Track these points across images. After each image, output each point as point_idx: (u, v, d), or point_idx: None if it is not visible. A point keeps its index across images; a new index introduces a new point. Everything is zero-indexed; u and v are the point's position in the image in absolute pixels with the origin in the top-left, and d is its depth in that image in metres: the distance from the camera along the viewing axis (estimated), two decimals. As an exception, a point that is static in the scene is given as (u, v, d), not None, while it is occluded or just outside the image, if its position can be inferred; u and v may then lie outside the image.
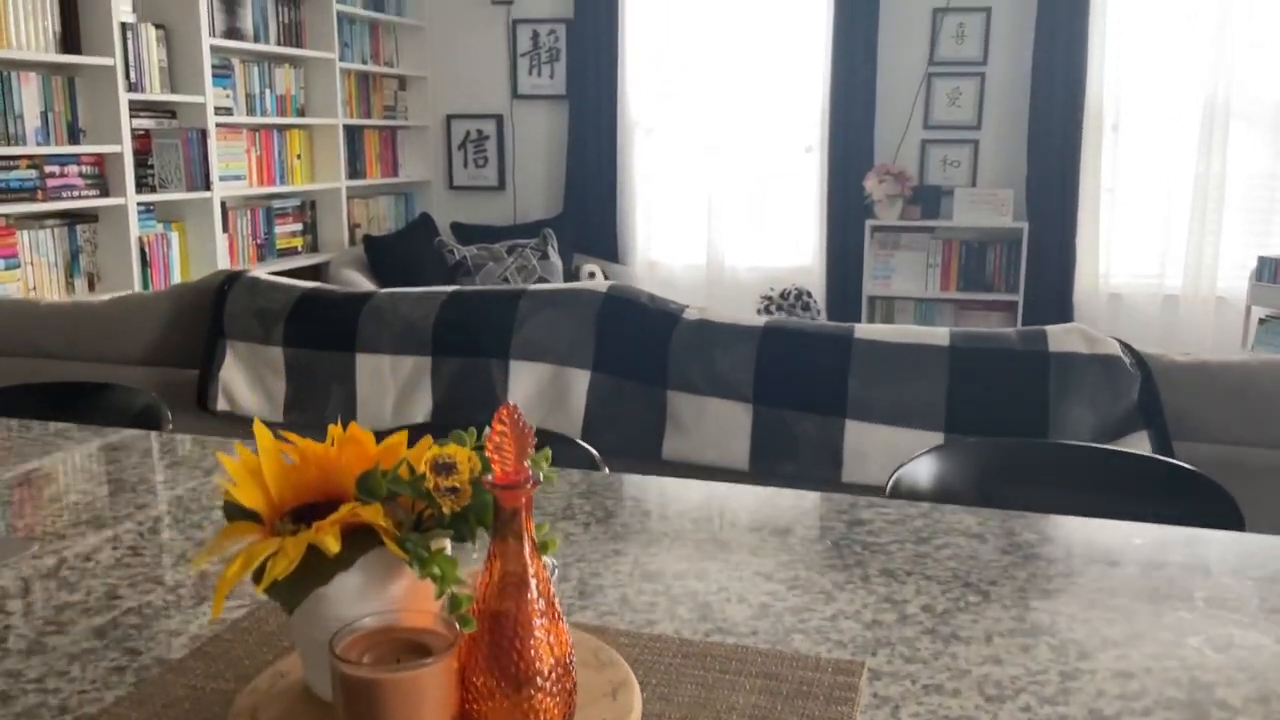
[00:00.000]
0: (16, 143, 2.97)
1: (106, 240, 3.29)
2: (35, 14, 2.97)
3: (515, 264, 4.32)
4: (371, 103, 4.79)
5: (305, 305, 2.05)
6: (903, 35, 4.42)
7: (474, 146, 5.10)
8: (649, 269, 4.90)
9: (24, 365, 2.23)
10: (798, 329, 1.82)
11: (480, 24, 4.97)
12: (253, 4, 3.93)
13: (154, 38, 3.40)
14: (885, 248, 4.45)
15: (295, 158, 4.28)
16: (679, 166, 4.81)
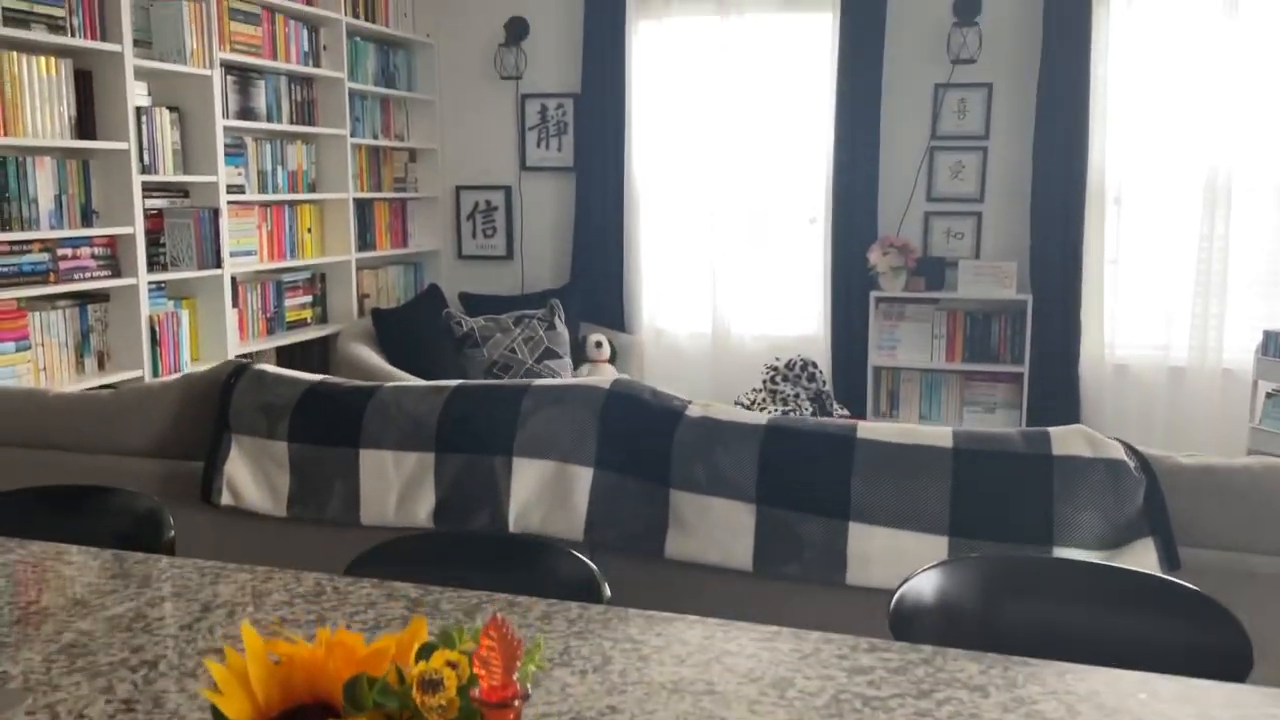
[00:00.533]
0: (30, 227, 3.02)
1: (117, 319, 3.32)
2: (51, 100, 3.03)
3: (522, 335, 4.34)
4: (382, 175, 4.86)
5: (311, 400, 2.06)
6: (905, 110, 4.48)
7: (483, 217, 5.16)
8: (655, 337, 4.92)
9: (32, 457, 2.24)
10: (800, 428, 1.82)
11: (490, 98, 5.05)
12: (266, 84, 4.01)
13: (168, 121, 3.46)
14: (890, 318, 4.46)
15: (306, 231, 4.33)
16: (685, 236, 4.85)
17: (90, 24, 3.12)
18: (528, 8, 4.93)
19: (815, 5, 4.48)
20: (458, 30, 5.05)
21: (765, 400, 4.34)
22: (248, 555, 2.07)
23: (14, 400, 2.28)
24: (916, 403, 4.48)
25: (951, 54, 4.33)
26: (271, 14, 3.98)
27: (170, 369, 3.44)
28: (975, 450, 1.72)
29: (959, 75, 4.38)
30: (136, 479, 2.15)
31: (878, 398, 4.52)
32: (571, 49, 4.90)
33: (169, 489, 2.13)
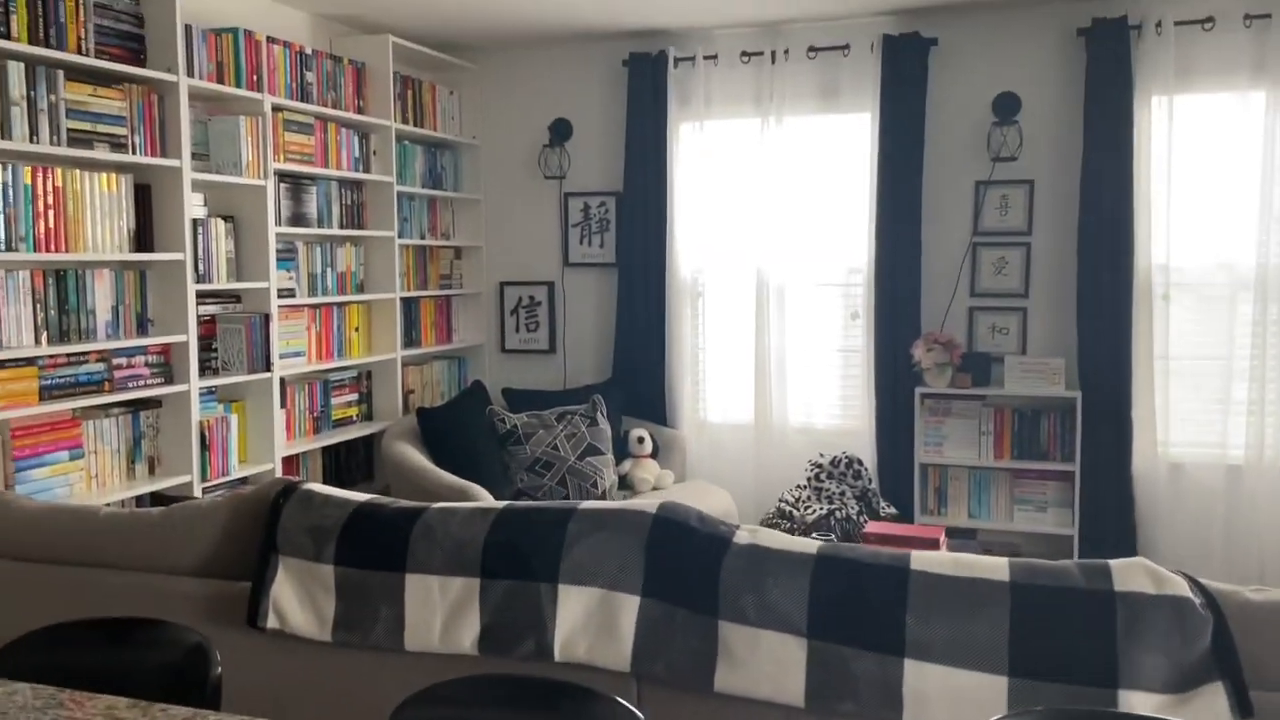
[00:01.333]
0: (88, 338, 3.09)
1: (168, 425, 3.37)
2: (112, 215, 3.13)
3: (565, 431, 4.34)
4: (428, 272, 4.94)
5: (357, 522, 2.06)
6: (946, 206, 4.49)
7: (526, 312, 5.21)
8: (698, 431, 4.90)
9: (83, 576, 2.26)
10: (851, 557, 1.78)
11: (534, 196, 5.15)
12: (318, 190, 4.12)
13: (223, 230, 3.56)
14: (936, 415, 4.41)
15: (353, 330, 4.40)
16: (727, 330, 4.86)
17: (151, 141, 3.23)
18: (571, 110, 5.05)
19: (854, 106, 4.54)
20: (503, 132, 5.17)
21: (810, 498, 4.29)
22: (292, 680, 2.05)
23: (64, 518, 2.31)
24: (965, 501, 4.40)
25: (992, 152, 4.35)
26: (324, 123, 4.10)
27: (218, 473, 3.48)
28: (1033, 585, 1.67)
29: (1000, 172, 4.39)
30: (185, 599, 2.16)
31: (925, 496, 4.44)
32: (614, 149, 4.99)
33: (216, 610, 2.13)
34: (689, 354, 4.86)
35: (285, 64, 3.89)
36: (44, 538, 2.33)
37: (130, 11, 3.20)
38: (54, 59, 2.90)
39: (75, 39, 2.98)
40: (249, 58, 3.70)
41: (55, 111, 2.90)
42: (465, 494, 3.70)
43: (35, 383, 2.88)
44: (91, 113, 3.02)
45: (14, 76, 2.78)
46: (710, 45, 4.75)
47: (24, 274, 2.89)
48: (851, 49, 4.50)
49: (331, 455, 4.32)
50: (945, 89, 4.45)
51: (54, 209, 2.93)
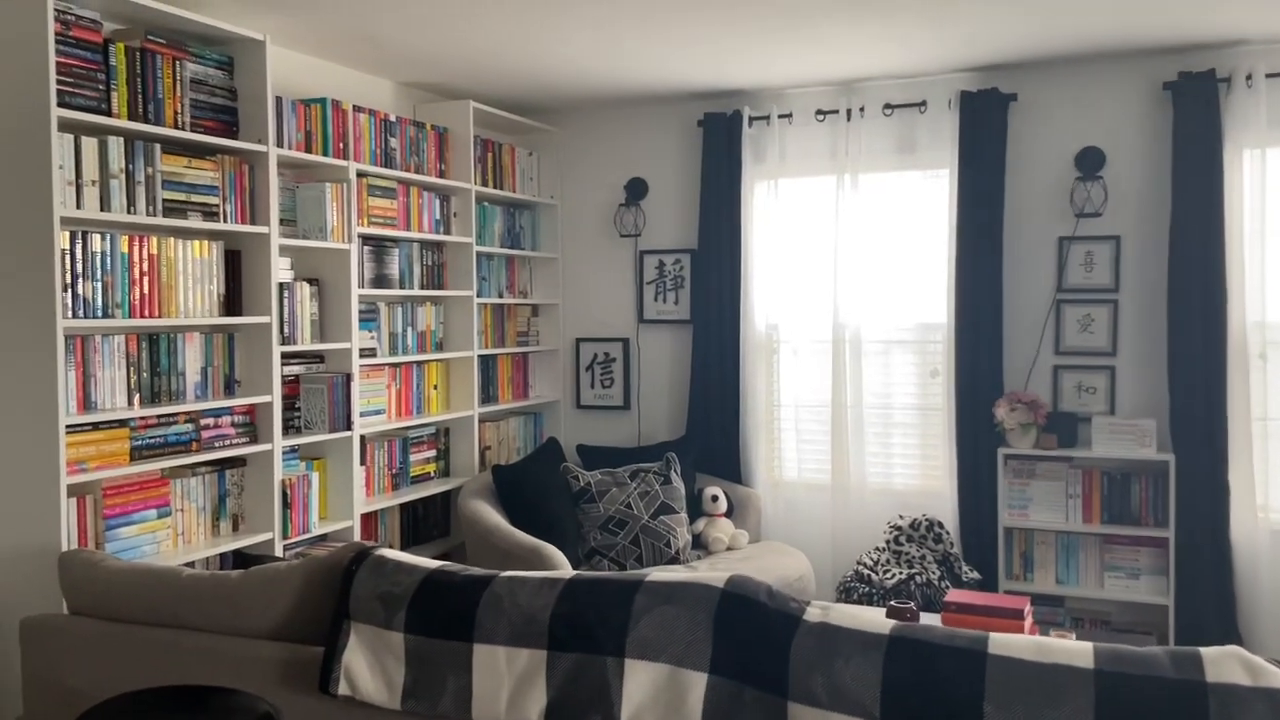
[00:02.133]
0: (177, 399, 3.20)
1: (253, 483, 3.46)
2: (203, 280, 3.25)
3: (638, 489, 4.33)
4: (506, 330, 5.01)
5: (427, 589, 2.07)
6: (1028, 262, 4.40)
7: (601, 368, 5.24)
8: (773, 490, 4.84)
9: (163, 636, 2.31)
10: (927, 639, 1.73)
11: (609, 255, 5.20)
12: (399, 252, 4.22)
13: (308, 294, 3.67)
14: (1020, 476, 4.28)
15: (432, 388, 4.48)
16: (803, 387, 4.81)
17: (241, 209, 3.36)
18: (647, 169, 5.10)
19: (931, 162, 4.50)
20: (580, 191, 5.25)
21: (889, 561, 4.19)
22: (361, 748, 2.06)
23: (148, 580, 2.37)
24: (1053, 566, 4.25)
25: (1075, 207, 4.26)
26: (407, 187, 4.22)
27: (299, 530, 3.55)
28: (1119, 673, 1.60)
29: (1084, 228, 4.30)
30: (260, 663, 2.19)
31: (1010, 561, 4.30)
32: (689, 207, 5.03)
33: (289, 675, 2.16)
34: (764, 411, 4.82)
35: (370, 131, 4.02)
36: (128, 598, 2.39)
37: (224, 86, 3.35)
38: (153, 134, 3.04)
39: (172, 114, 3.12)
40: (336, 126, 3.83)
41: (152, 183, 3.04)
42: (536, 553, 3.71)
43: (127, 443, 2.98)
44: (186, 183, 3.16)
45: (114, 151, 2.92)
46: (784, 104, 4.77)
47: (119, 338, 3.02)
48: (929, 105, 4.47)
49: (409, 512, 4.37)
50: (1026, 144, 4.39)
51: (148, 275, 3.06)
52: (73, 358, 2.88)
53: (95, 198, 2.87)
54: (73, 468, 2.81)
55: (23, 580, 2.78)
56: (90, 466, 2.87)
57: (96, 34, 2.89)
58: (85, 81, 2.86)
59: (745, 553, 4.35)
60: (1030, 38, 3.85)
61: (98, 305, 2.91)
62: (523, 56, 4.04)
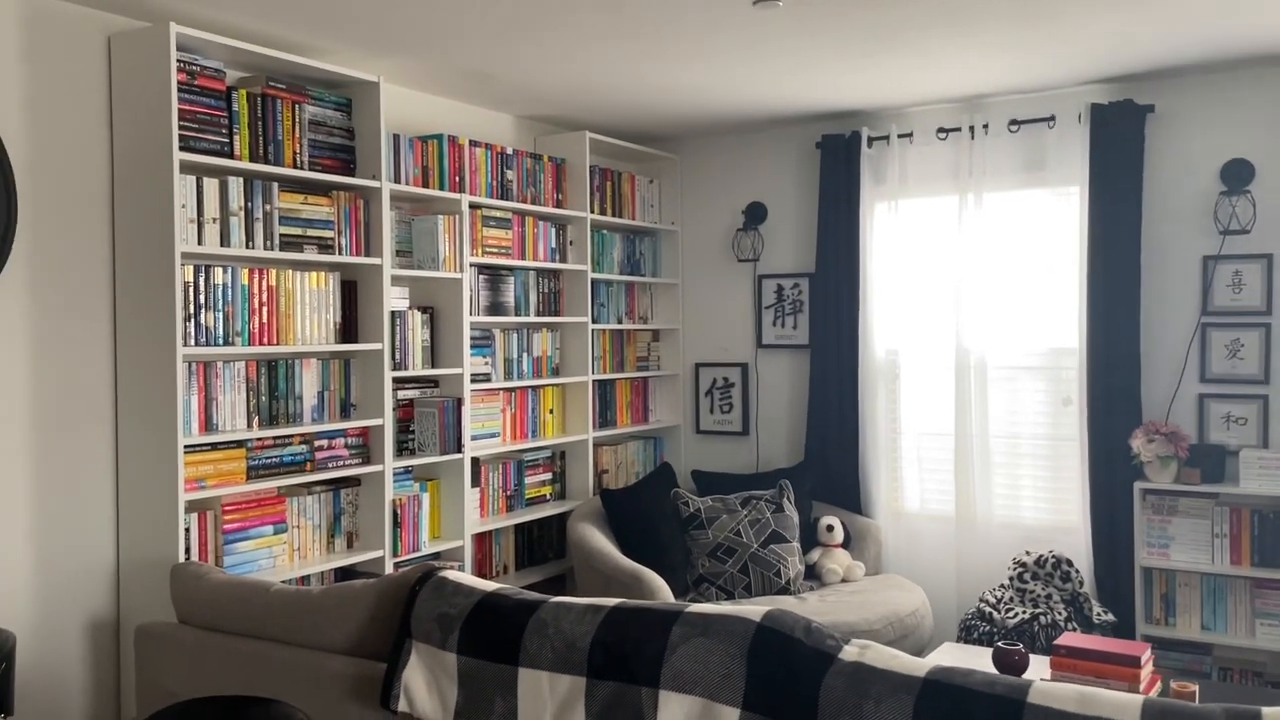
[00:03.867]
0: (294, 422, 3.40)
1: (366, 502, 3.62)
2: (320, 309, 3.45)
3: (749, 517, 4.28)
4: (625, 355, 5.07)
5: (480, 612, 2.12)
6: (1169, 284, 4.11)
7: (720, 393, 5.22)
8: (894, 521, 4.68)
9: (248, 647, 2.45)
10: (962, 685, 1.64)
11: (728, 280, 5.18)
12: (515, 280, 4.35)
13: (419, 321, 3.83)
14: (1160, 513, 3.99)
15: (548, 412, 4.57)
16: (925, 415, 4.65)
17: (355, 241, 3.55)
18: (766, 193, 5.07)
19: (1061, 180, 4.28)
20: (700, 217, 5.26)
21: (1012, 600, 3.99)
22: (416, 764, 2.12)
23: (241, 592, 2.52)
24: (1198, 611, 3.93)
25: (1221, 224, 3.96)
26: (522, 218, 4.34)
27: (409, 549, 3.69)
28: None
29: (1231, 246, 3.98)
30: (334, 677, 2.29)
31: (1149, 604, 4.00)
32: (807, 231, 4.96)
33: (359, 689, 2.25)
34: (884, 439, 4.68)
35: (487, 164, 4.17)
36: (225, 610, 2.55)
37: (342, 126, 3.55)
38: (272, 174, 3.26)
39: (291, 154, 3.33)
40: (452, 161, 3.99)
41: (270, 219, 3.25)
42: (636, 579, 3.72)
43: (244, 463, 3.19)
44: (302, 218, 3.36)
45: (234, 190, 3.14)
46: (905, 123, 4.65)
47: (239, 365, 3.23)
48: (1057, 120, 4.25)
49: (523, 533, 4.47)
50: (1164, 158, 4.11)
51: (267, 306, 3.26)
52: (195, 382, 3.11)
53: (216, 234, 3.10)
54: (192, 485, 3.03)
55: (146, 590, 3.00)
56: (209, 484, 3.08)
57: (220, 82, 3.13)
58: (210, 126, 3.09)
59: (859, 586, 4.22)
60: (1167, 45, 3.62)
61: (219, 334, 3.13)
62: (640, 87, 4.10)
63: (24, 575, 2.87)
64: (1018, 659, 3.15)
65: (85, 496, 3.01)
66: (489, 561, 4.29)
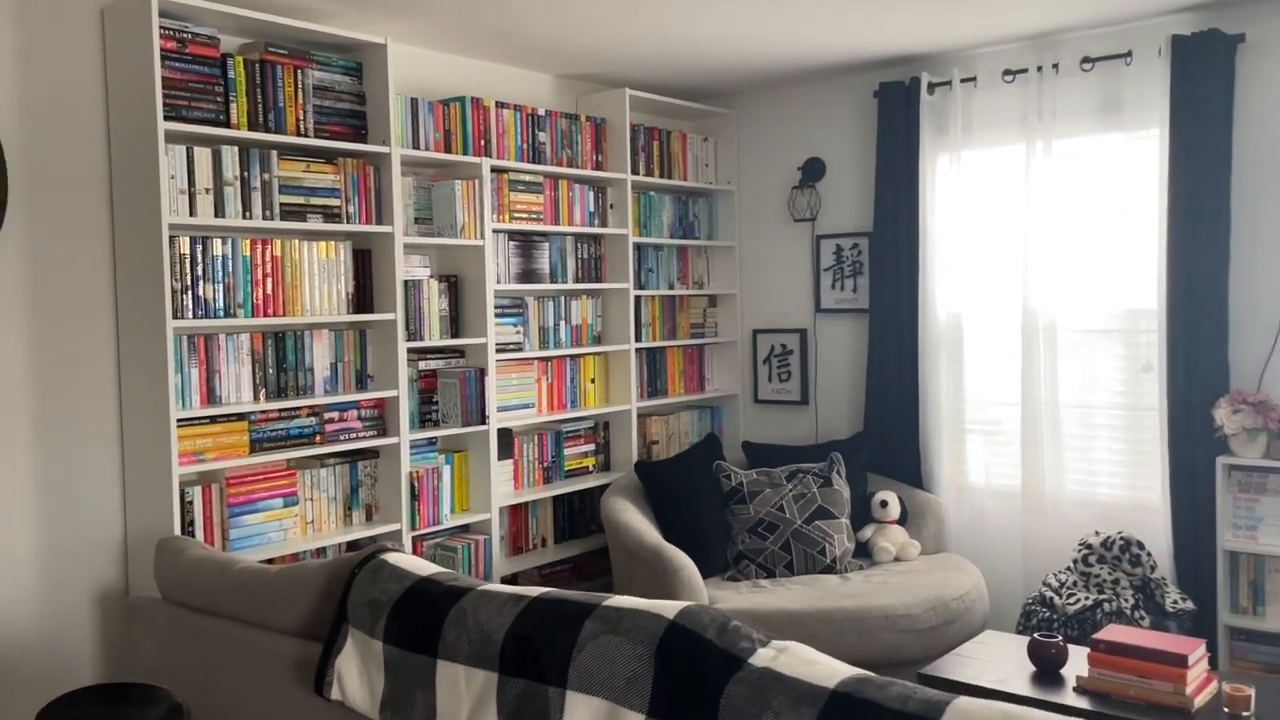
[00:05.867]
0: (305, 394, 3.36)
1: (385, 475, 3.57)
2: (330, 279, 3.39)
3: (793, 491, 4.06)
4: (677, 321, 4.88)
5: (408, 600, 2.01)
6: (1263, 238, 3.66)
7: (778, 361, 4.98)
8: (956, 496, 4.38)
9: (214, 625, 2.41)
10: (873, 700, 1.43)
11: (787, 241, 4.93)
12: (550, 247, 4.21)
13: (435, 290, 3.74)
14: (1247, 491, 3.58)
15: (589, 382, 4.44)
16: (990, 381, 4.31)
17: (366, 209, 3.47)
18: (823, 148, 4.78)
19: (1139, 122, 3.85)
20: (756, 175, 5.01)
21: (1076, 584, 3.67)
22: (347, 754, 2.04)
23: (208, 570, 2.49)
24: (1289, 600, 3.52)
25: (1321, 165, 3.48)
26: (555, 181, 4.20)
27: (428, 522, 3.63)
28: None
29: (1335, 189, 3.50)
30: (280, 658, 2.23)
31: (1234, 590, 3.61)
32: (865, 187, 4.66)
33: (304, 673, 2.18)
34: (946, 408, 4.36)
35: (516, 127, 4.03)
36: (194, 587, 2.52)
37: (352, 91, 3.46)
38: (272, 142, 3.20)
39: (294, 121, 3.27)
40: (476, 124, 3.87)
41: (269, 188, 3.20)
42: (658, 555, 3.56)
43: (246, 436, 3.17)
44: (305, 187, 3.30)
45: (227, 160, 3.10)
46: (968, 66, 4.28)
47: (243, 337, 3.20)
48: (1135, 56, 3.83)
49: (563, 505, 4.37)
50: (1257, 94, 3.65)
51: (272, 277, 3.22)
52: (195, 356, 3.09)
53: (209, 205, 3.06)
54: (190, 458, 3.02)
55: (150, 564, 3.02)
56: (208, 457, 3.07)
57: (214, 49, 3.08)
58: (203, 95, 3.05)
59: (911, 565, 3.96)
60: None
61: (219, 306, 3.10)
62: (691, 37, 3.88)
63: (33, 550, 2.93)
64: (1054, 652, 2.87)
65: (93, 471, 3.04)
66: (525, 534, 4.20)
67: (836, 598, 3.53)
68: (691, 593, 3.53)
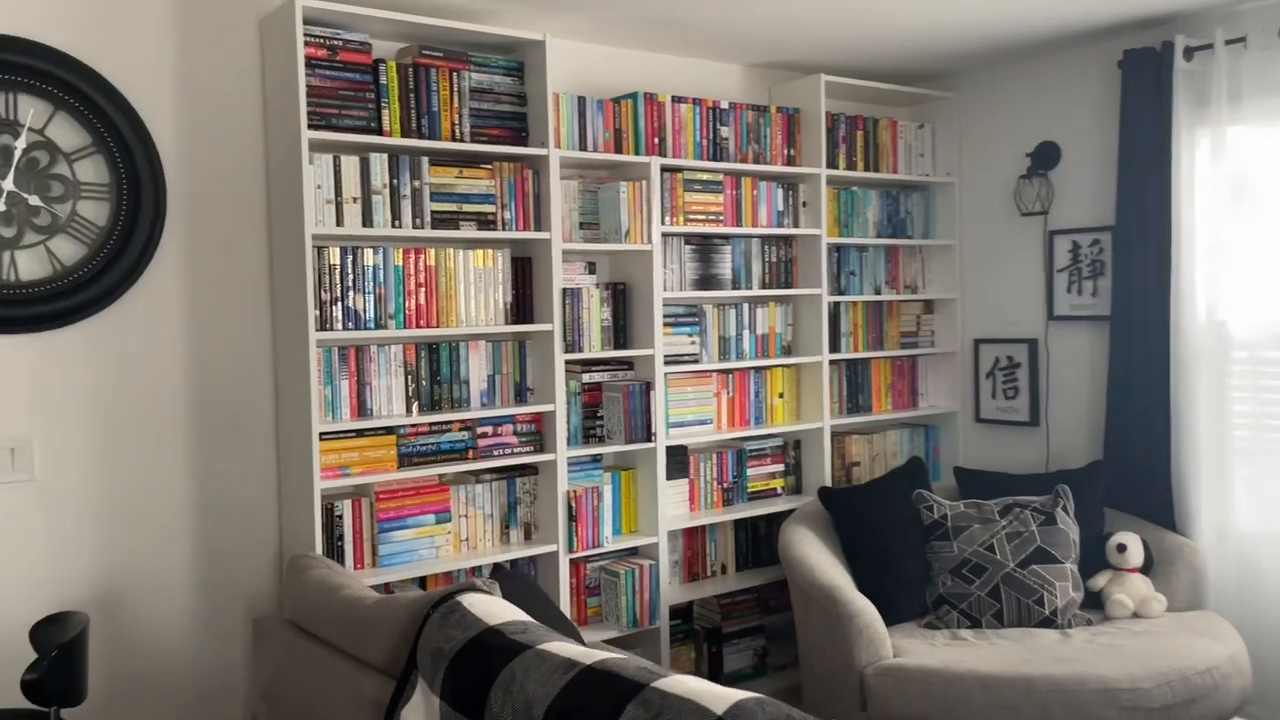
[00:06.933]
0: (460, 407, 3.24)
1: (544, 493, 3.40)
2: (487, 289, 3.26)
3: (1007, 528, 3.52)
4: (884, 330, 4.42)
5: (467, 653, 1.78)
6: None
7: (1003, 375, 4.39)
8: (1218, 541, 3.63)
9: (314, 652, 2.31)
10: None
11: (1013, 238, 4.33)
12: (733, 251, 3.90)
13: (597, 300, 3.52)
14: None
15: (776, 397, 4.08)
16: (1266, 402, 3.55)
17: (523, 215, 3.31)
18: (1057, 132, 4.15)
19: None
20: (978, 165, 4.45)
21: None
22: (405, 818, 1.84)
23: (317, 592, 2.38)
24: None
25: None
26: (737, 180, 3.88)
27: (587, 544, 3.42)
28: None
29: None
30: (362, 698, 2.07)
31: None
32: (1106, 174, 3.99)
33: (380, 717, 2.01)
34: (1206, 433, 3.63)
35: (694, 122, 3.76)
36: (307, 608, 2.43)
37: (513, 92, 3.32)
38: (424, 148, 3.11)
39: (449, 126, 3.16)
40: (649, 121, 3.63)
41: (419, 196, 3.11)
42: (832, 599, 3.16)
43: (394, 450, 3.08)
44: (457, 194, 3.19)
45: (376, 168, 3.02)
46: (1234, 25, 3.54)
47: (396, 348, 3.13)
48: None
49: (746, 530, 4.03)
50: None
51: (425, 287, 3.13)
52: (346, 368, 3.05)
53: (356, 214, 3.00)
54: (335, 472, 2.97)
55: (295, 574, 3.00)
56: (354, 471, 3.01)
57: (366, 55, 3.02)
58: (354, 103, 2.99)
59: (1151, 624, 3.31)
60: None
61: (370, 317, 3.04)
62: (896, 12, 3.46)
63: (192, 560, 2.98)
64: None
65: (252, 483, 3.07)
66: (701, 560, 3.91)
67: (1047, 661, 2.98)
68: (870, 641, 3.10)
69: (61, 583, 2.77)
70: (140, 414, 2.88)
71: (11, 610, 2.71)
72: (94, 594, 2.82)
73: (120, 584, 2.86)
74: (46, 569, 2.75)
